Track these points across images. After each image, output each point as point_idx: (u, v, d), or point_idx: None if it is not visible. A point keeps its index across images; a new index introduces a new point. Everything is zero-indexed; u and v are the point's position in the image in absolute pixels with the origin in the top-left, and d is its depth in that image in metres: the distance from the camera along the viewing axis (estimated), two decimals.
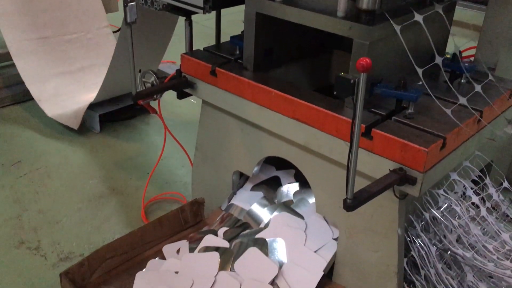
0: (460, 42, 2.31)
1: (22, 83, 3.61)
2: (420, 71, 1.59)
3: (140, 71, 2.23)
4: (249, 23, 2.02)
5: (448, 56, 2.03)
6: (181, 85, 2.26)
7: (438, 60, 1.64)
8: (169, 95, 2.54)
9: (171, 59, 4.34)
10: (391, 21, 1.68)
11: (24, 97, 3.77)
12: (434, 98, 1.69)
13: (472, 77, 1.99)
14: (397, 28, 1.66)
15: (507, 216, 1.96)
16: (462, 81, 2.00)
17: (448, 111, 1.61)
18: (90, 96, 3.47)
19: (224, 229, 2.21)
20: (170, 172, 3.12)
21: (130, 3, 1.86)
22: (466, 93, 1.90)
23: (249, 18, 2.01)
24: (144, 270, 2.09)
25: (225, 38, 2.36)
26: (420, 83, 1.81)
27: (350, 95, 1.37)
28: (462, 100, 1.63)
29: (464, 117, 1.75)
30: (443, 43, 2.16)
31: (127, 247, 2.15)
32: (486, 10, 2.25)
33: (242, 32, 2.12)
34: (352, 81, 1.35)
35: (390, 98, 1.78)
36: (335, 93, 1.51)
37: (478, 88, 1.73)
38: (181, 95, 2.34)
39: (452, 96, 1.89)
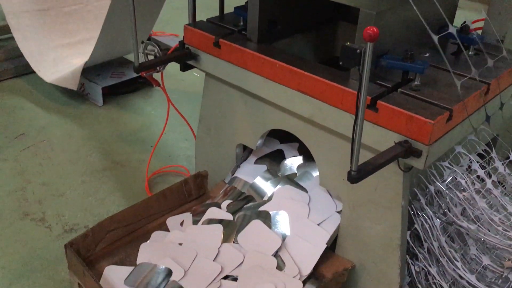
0: (467, 16, 2.27)
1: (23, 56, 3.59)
2: (435, 38, 1.54)
3: (142, 42, 2.20)
4: None
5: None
6: (184, 56, 2.23)
7: (452, 29, 1.61)
8: (172, 68, 2.51)
9: (174, 32, 4.30)
10: None
11: (26, 69, 3.75)
12: (448, 68, 1.66)
13: (480, 49, 1.96)
14: None
15: None
16: (470, 53, 1.97)
17: (458, 83, 1.58)
18: (85, 58, 3.44)
19: (227, 201, 2.22)
20: (173, 146, 3.11)
21: None
22: (473, 65, 1.87)
23: None
24: (148, 241, 2.10)
25: (228, 9, 2.32)
26: (427, 54, 1.78)
27: (356, 65, 1.35)
28: (473, 73, 1.60)
29: (471, 89, 1.72)
30: (451, 16, 2.11)
31: (131, 219, 2.16)
32: None
33: (246, 3, 2.08)
34: (358, 50, 1.33)
35: (396, 70, 1.76)
36: (340, 63, 1.48)
37: (490, 63, 1.70)
38: (185, 67, 2.31)
39: (459, 68, 1.87)
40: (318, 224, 2.00)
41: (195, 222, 2.16)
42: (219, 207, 2.19)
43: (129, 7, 1.88)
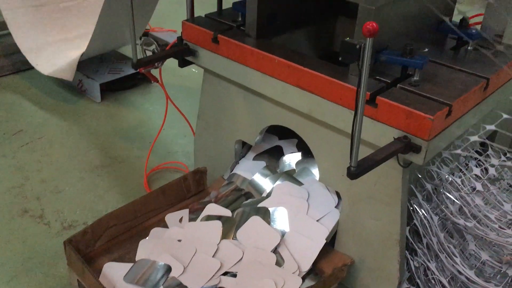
0: (466, 10, 2.27)
1: (21, 52, 3.56)
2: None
3: (141, 38, 2.19)
4: None
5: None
6: (183, 52, 2.22)
7: (449, 23, 1.60)
8: (171, 64, 2.51)
9: (173, 28, 4.28)
10: None
11: (23, 65, 3.73)
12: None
13: (479, 44, 1.96)
14: None
15: (510, 186, 1.95)
16: (469, 48, 1.97)
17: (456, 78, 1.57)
18: (83, 50, 3.42)
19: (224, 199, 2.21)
20: (172, 142, 3.11)
21: None
22: (473, 60, 1.87)
23: None
24: (147, 238, 2.10)
25: (227, 5, 2.31)
26: (426, 50, 1.78)
27: (356, 61, 1.34)
28: (467, 69, 1.60)
29: (470, 85, 1.72)
30: (449, 11, 2.11)
31: (130, 215, 2.16)
32: None
33: None
34: (358, 46, 1.32)
35: (396, 66, 1.75)
36: (340, 58, 1.48)
37: (489, 53, 1.70)
38: (183, 63, 2.31)
39: (458, 63, 1.86)
40: (317, 220, 2.00)
41: (191, 220, 2.16)
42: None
43: (127, 3, 1.87)
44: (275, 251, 1.95)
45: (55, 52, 3.55)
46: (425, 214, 1.81)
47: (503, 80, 1.89)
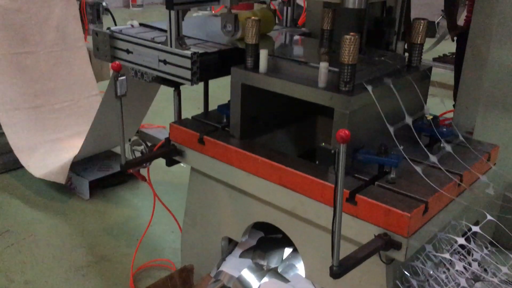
0: (438, 104, 2.40)
1: (13, 151, 3.62)
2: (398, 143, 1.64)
3: (130, 140, 2.28)
4: (235, 93, 2.10)
5: (431, 117, 2.10)
6: (170, 153, 2.31)
7: (408, 120, 1.72)
8: (159, 160, 2.58)
9: (161, 124, 4.42)
10: (370, 92, 1.76)
11: (14, 165, 3.79)
12: (416, 167, 1.74)
13: (451, 141, 2.06)
14: (375, 99, 1.74)
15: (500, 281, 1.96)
16: (442, 145, 2.07)
17: (426, 178, 1.65)
18: (75, 152, 3.49)
19: None
20: (159, 238, 3.10)
21: (121, 78, 1.94)
22: (446, 156, 1.96)
23: (235, 88, 2.09)
24: None
25: (213, 101, 2.42)
26: (402, 147, 1.88)
27: (332, 165, 1.42)
28: (441, 166, 1.69)
29: (444, 181, 1.80)
30: (421, 107, 2.24)
31: None
32: (462, 76, 2.36)
33: (229, 101, 2.20)
34: (333, 151, 1.41)
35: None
36: (317, 162, 1.56)
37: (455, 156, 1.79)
38: (171, 163, 2.38)
39: (432, 160, 1.95)
40: None
41: None
42: None
43: (116, 110, 1.97)
44: None
45: (47, 153, 3.62)
46: None
47: (476, 176, 1.97)
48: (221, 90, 3.14)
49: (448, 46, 5.87)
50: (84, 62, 4.03)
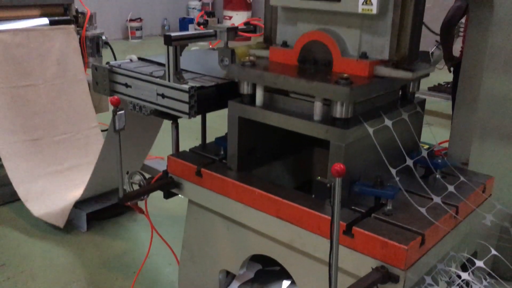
0: (435, 131, 2.42)
1: (11, 184, 3.63)
2: (393, 171, 1.66)
3: (127, 172, 2.29)
4: (232, 126, 2.12)
5: (427, 146, 2.11)
6: (168, 185, 2.32)
7: (409, 162, 1.74)
8: (156, 192, 2.58)
9: (160, 155, 4.44)
10: (365, 125, 1.79)
11: (11, 197, 3.78)
12: (411, 200, 1.75)
13: (446, 172, 2.08)
14: (370, 130, 1.76)
15: None
16: (437, 176, 2.08)
17: (423, 210, 1.66)
18: (77, 193, 3.49)
19: None
20: (157, 271, 3.08)
21: (119, 112, 1.96)
22: (441, 188, 1.97)
23: (232, 121, 2.12)
24: None
25: (212, 131, 2.44)
26: (398, 178, 1.89)
27: (328, 198, 1.43)
28: (436, 199, 1.70)
29: (440, 213, 1.80)
30: (416, 139, 2.26)
31: None
32: (455, 108, 2.39)
33: (226, 133, 2.22)
34: (328, 185, 1.42)
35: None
36: (313, 196, 1.57)
37: (451, 188, 1.81)
38: (168, 195, 2.39)
39: (428, 191, 1.96)
40: None
41: None
42: None
43: (114, 144, 1.99)
44: None
45: (46, 187, 3.63)
46: None
47: (472, 207, 1.98)
48: (220, 119, 3.16)
49: (443, 76, 5.97)
50: (84, 95, 4.07)
